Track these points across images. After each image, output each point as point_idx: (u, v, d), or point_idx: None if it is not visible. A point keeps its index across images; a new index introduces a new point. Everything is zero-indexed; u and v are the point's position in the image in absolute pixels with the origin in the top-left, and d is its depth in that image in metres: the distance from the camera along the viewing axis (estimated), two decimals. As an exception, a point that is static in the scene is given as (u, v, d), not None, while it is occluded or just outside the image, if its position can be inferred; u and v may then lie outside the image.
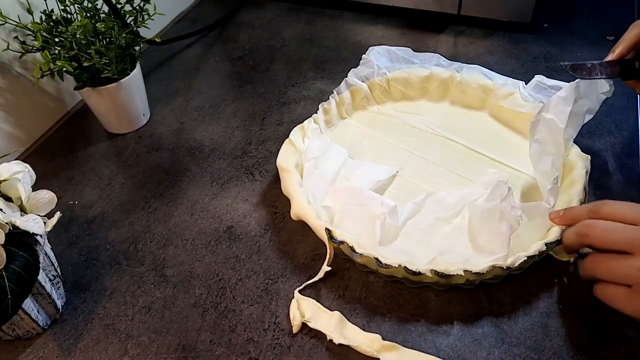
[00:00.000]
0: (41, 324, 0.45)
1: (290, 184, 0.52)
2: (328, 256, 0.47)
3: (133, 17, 0.63)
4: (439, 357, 0.41)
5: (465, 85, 0.63)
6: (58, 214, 0.44)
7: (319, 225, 0.48)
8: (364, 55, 0.67)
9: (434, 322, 0.44)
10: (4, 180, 0.42)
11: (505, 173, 0.55)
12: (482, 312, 0.45)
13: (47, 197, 0.44)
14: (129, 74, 0.62)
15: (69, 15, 0.60)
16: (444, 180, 0.56)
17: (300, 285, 0.47)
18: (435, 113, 0.64)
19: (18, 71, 0.61)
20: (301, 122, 0.59)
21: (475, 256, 0.46)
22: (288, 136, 0.57)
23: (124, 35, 0.59)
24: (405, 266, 0.44)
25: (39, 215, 0.42)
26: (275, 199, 0.56)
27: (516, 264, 0.44)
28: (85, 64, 0.57)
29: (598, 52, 0.69)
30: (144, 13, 0.63)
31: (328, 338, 0.43)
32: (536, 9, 0.74)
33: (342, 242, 0.46)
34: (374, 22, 0.84)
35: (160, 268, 0.50)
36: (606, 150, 0.58)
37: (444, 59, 0.67)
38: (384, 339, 0.42)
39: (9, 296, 0.38)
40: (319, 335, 0.44)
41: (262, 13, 0.89)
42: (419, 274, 0.44)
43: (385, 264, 0.44)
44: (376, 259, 0.45)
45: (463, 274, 0.43)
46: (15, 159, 0.50)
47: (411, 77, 0.65)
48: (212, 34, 0.85)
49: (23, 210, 0.42)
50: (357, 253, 0.45)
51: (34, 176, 0.45)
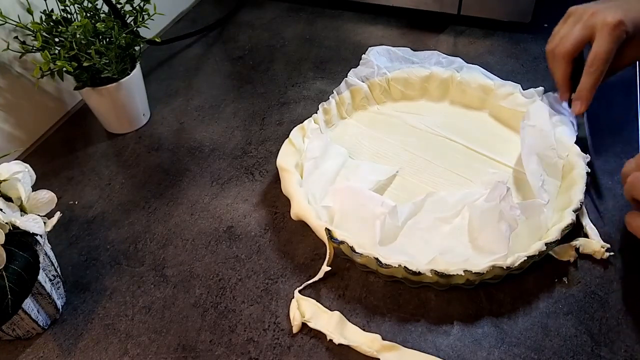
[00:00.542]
0: (41, 324, 0.45)
1: (290, 184, 0.52)
2: (328, 256, 0.47)
3: (133, 17, 0.63)
4: (439, 357, 0.41)
5: (465, 85, 0.63)
6: (58, 214, 0.44)
7: (319, 225, 0.48)
8: (363, 55, 0.67)
9: (434, 322, 0.44)
10: (4, 180, 0.42)
11: (505, 173, 0.56)
12: (482, 312, 0.45)
13: (47, 197, 0.44)
14: (129, 74, 0.62)
15: (69, 15, 0.60)
16: (444, 180, 0.56)
17: (300, 285, 0.47)
18: (435, 113, 0.64)
19: (18, 71, 0.61)
20: (301, 122, 0.59)
21: (475, 256, 0.46)
22: (288, 136, 0.57)
23: (124, 35, 0.59)
24: (405, 266, 0.44)
25: (39, 215, 0.42)
26: (275, 199, 0.56)
27: (516, 264, 0.44)
28: (85, 64, 0.57)
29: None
30: (144, 13, 0.63)
31: (328, 338, 0.43)
32: (536, 9, 0.74)
33: (342, 242, 0.46)
34: (374, 22, 0.84)
35: (160, 268, 0.50)
36: (606, 150, 0.58)
37: (444, 55, 0.67)
38: (384, 339, 0.42)
39: (9, 296, 0.38)
40: (319, 335, 0.44)
41: (262, 13, 0.89)
42: (419, 274, 0.44)
43: (385, 264, 0.44)
44: (376, 259, 0.45)
45: (463, 274, 0.43)
46: (15, 159, 0.50)
47: (411, 77, 0.65)
48: (212, 34, 0.85)
49: (23, 210, 0.42)
50: (357, 253, 0.45)
51: (34, 176, 0.45)
